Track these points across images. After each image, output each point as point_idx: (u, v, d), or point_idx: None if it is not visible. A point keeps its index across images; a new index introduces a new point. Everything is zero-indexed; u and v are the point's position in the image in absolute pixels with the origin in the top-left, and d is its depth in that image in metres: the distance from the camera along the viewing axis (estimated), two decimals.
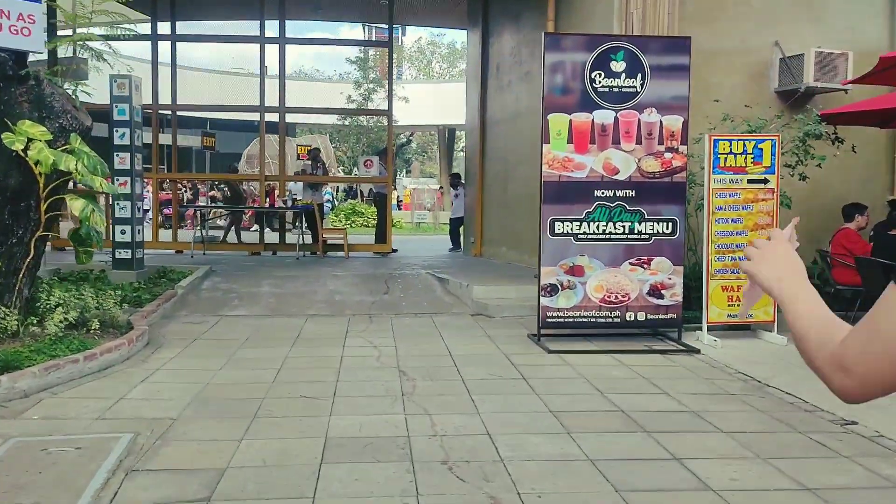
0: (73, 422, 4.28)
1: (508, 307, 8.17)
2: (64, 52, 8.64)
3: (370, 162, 12.76)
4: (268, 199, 11.83)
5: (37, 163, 5.34)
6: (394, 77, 13.22)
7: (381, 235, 13.00)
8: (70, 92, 5.95)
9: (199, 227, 12.28)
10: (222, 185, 18.35)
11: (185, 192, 22.88)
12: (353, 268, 10.82)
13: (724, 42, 8.88)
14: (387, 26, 12.80)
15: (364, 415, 4.52)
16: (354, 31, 42.01)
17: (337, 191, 28.77)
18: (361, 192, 31.88)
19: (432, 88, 37.73)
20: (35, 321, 5.67)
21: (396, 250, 13.02)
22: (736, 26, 8.94)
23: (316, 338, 6.92)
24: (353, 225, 23.74)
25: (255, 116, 13.34)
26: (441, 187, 28.97)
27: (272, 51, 12.54)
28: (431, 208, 27.66)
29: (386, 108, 12.71)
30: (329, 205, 23.40)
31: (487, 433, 4.18)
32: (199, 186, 22.36)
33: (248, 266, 10.82)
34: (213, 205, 16.33)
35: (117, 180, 8.89)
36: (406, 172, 40.79)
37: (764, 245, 1.29)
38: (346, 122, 30.66)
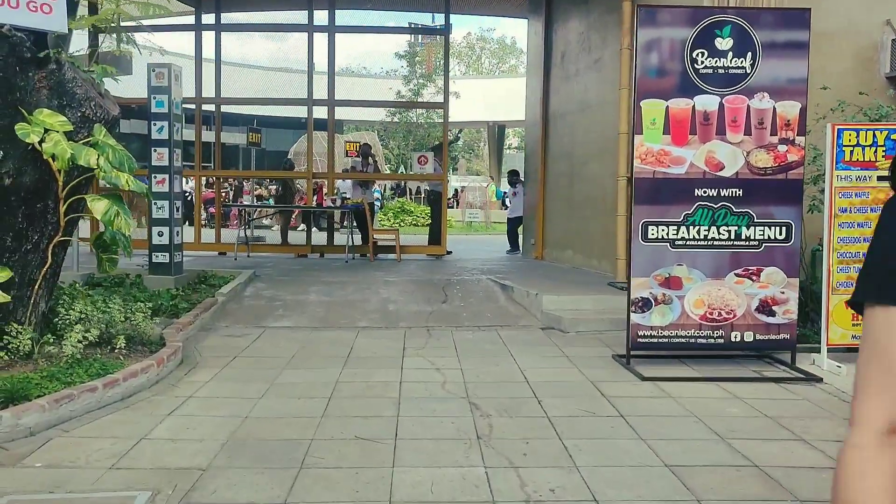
0: (81, 472, 3.50)
1: (584, 321, 7.24)
2: (106, 45, 7.99)
3: (424, 158, 11.93)
4: (315, 198, 11.09)
5: (53, 157, 4.60)
6: (449, 69, 12.40)
7: (436, 236, 12.16)
8: (94, 77, 5.20)
9: (243, 227, 11.60)
10: (274, 183, 17.73)
11: (230, 190, 22.42)
12: (407, 272, 9.99)
13: (829, 22, 7.78)
14: (442, 14, 11.93)
15: (434, 466, 3.65)
16: (404, 22, 41.42)
17: (385, 189, 28.02)
18: (409, 189, 31.22)
19: (481, 84, 36.82)
20: (52, 339, 4.95)
21: (451, 252, 12.17)
22: (841, 4, 7.86)
23: (369, 356, 6.10)
24: (402, 224, 22.99)
25: (301, 112, 12.64)
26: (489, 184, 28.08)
27: (321, 43, 11.79)
28: (482, 206, 26.78)
29: (441, 100, 11.87)
30: (377, 203, 22.71)
31: (594, 500, 3.28)
32: (243, 184, 21.85)
33: (294, 270, 10.07)
34: (258, 204, 15.65)
35: (155, 178, 8.21)
36: (453, 170, 40.00)
37: None
38: (395, 119, 29.92)
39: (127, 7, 6.20)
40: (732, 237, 5.66)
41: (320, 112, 11.80)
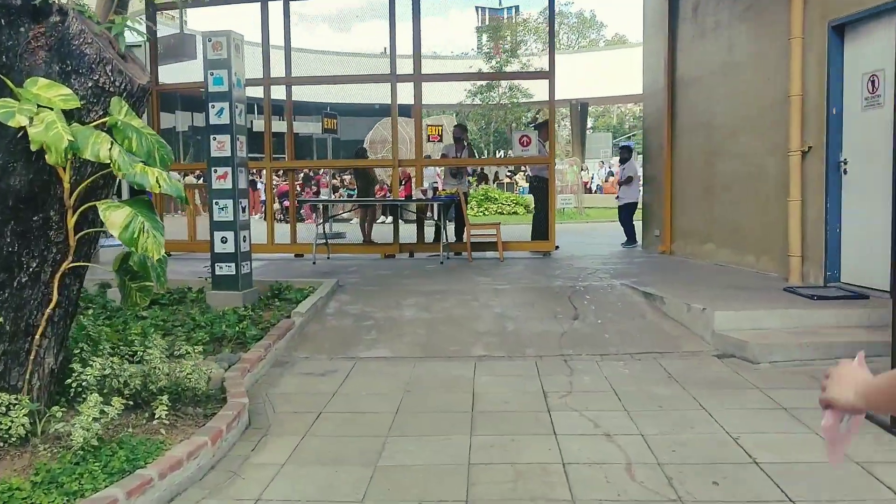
0: None
1: (777, 346, 5.38)
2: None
3: (527, 139, 10.16)
4: (402, 189, 9.50)
5: (45, 148, 3.06)
6: (525, 47, 10.61)
7: (541, 230, 10.38)
8: (110, 32, 3.64)
9: (321, 225, 10.08)
10: (351, 173, 16.23)
11: (306, 183, 21.17)
12: (517, 276, 8.27)
13: None
14: None
15: None
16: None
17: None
18: (486, 175, 29.35)
19: (560, 60, 34.63)
20: (63, 410, 3.44)
21: (558, 247, 10.37)
22: None
23: (502, 410, 4.41)
24: (486, 213, 21.26)
25: (378, 97, 11.10)
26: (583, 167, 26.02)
27: (403, 12, 10.15)
28: (573, 191, 24.79)
29: (546, 68, 10.06)
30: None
31: None
32: (315, 176, 20.49)
33: (382, 276, 8.48)
34: (342, 199, 14.13)
35: (215, 172, 6.72)
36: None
37: (833, 371, 1.41)
38: (477, 101, 28.11)
39: None
40: None
41: (404, 92, 10.17)
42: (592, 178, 31.37)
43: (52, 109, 3.15)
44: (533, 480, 3.36)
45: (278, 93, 10.71)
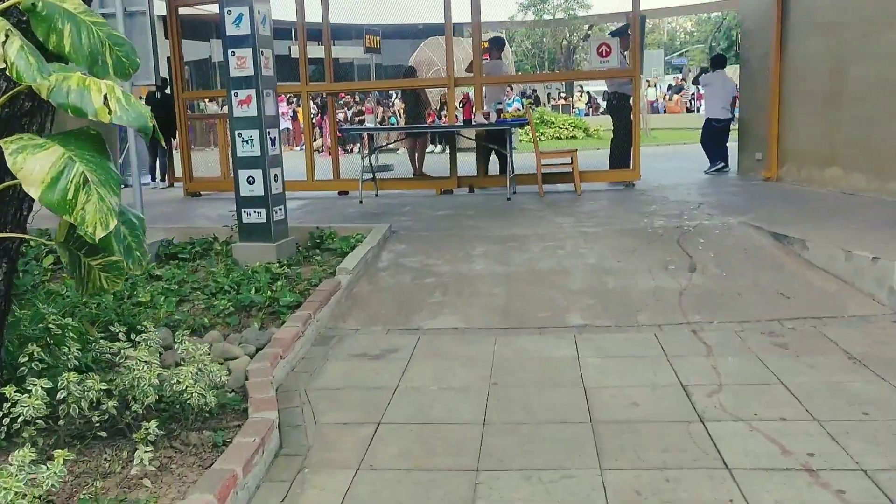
0: None
1: None
2: None
3: (607, 48, 8.56)
4: (462, 113, 8.07)
5: None
6: None
7: (622, 156, 8.90)
8: None
9: (368, 157, 8.74)
10: (400, 97, 14.68)
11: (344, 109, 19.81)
12: (604, 214, 6.88)
13: None
14: None
15: None
16: None
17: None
18: (538, 97, 27.46)
19: None
20: None
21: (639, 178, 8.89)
22: None
23: (634, 419, 3.11)
24: (542, 139, 19.63)
25: (422, 15, 9.51)
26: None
27: None
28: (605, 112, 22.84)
29: None
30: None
31: None
32: (363, 104, 19.02)
33: (442, 217, 7.17)
34: (394, 126, 12.69)
35: (236, 95, 5.41)
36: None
37: None
38: (526, 17, 26.02)
39: None
40: None
41: (456, 8, 8.62)
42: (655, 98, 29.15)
43: None
44: None
45: (314, 14, 9.26)
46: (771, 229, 5.61)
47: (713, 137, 9.93)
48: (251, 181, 5.49)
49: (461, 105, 8.17)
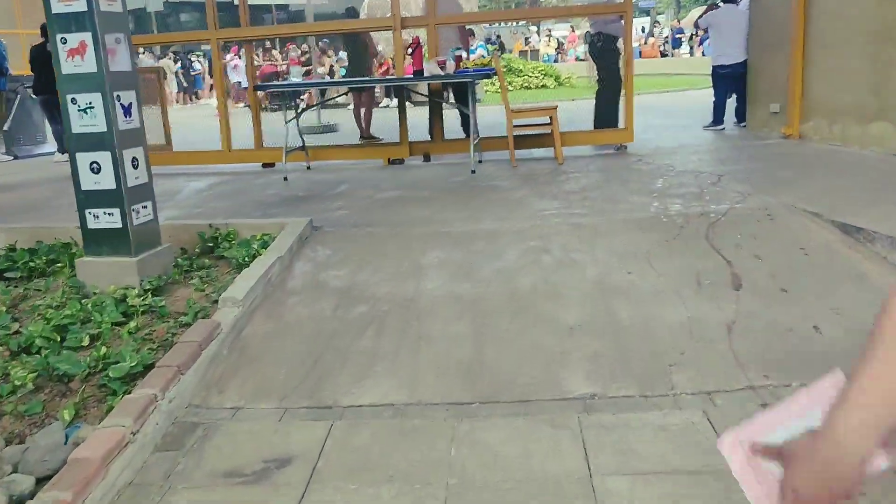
0: None
1: None
2: None
3: None
4: (411, 62, 6.36)
5: None
6: None
7: (610, 113, 7.26)
8: None
9: (295, 121, 6.96)
10: (342, 44, 12.76)
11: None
12: (597, 194, 5.25)
13: None
14: None
15: None
16: None
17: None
18: (502, 44, 25.44)
19: None
20: None
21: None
22: None
23: None
24: (511, 88, 17.81)
25: None
26: None
27: None
28: (585, 58, 21.10)
29: None
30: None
31: None
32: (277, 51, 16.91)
33: (385, 202, 5.49)
34: (318, 81, 10.71)
35: (62, 42, 3.63)
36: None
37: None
38: None
39: None
40: None
41: None
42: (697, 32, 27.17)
43: None
44: None
45: None
46: (834, 217, 4.06)
47: (719, 86, 8.28)
48: (95, 169, 3.75)
49: (409, 52, 6.41)
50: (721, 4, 8.32)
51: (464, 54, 6.68)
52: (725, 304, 3.36)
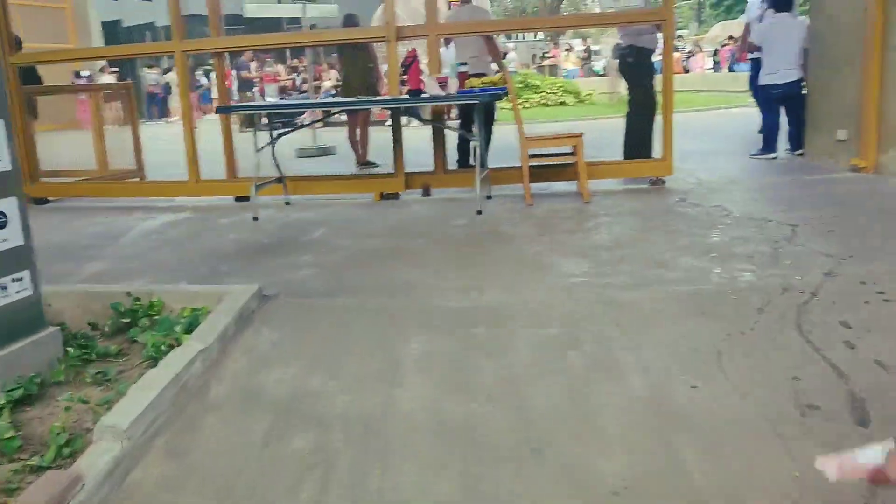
0: None
1: None
2: None
3: None
4: (406, 79, 5.30)
5: None
6: None
7: (642, 140, 6.13)
8: None
9: (270, 146, 5.86)
10: (337, 57, 11.70)
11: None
12: (636, 250, 4.11)
13: None
14: None
15: None
16: None
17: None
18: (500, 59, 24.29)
19: None
20: None
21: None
22: None
23: None
24: (526, 107, 16.68)
25: None
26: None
27: None
28: (606, 73, 20.02)
29: None
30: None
31: None
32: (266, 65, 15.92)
33: (365, 255, 4.36)
34: (297, 102, 9.58)
35: None
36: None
37: None
38: None
39: None
40: None
41: None
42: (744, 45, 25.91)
43: None
44: None
45: None
46: None
47: (771, 108, 7.10)
48: None
49: (404, 68, 5.32)
50: (765, 14, 7.15)
51: (467, 69, 5.55)
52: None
